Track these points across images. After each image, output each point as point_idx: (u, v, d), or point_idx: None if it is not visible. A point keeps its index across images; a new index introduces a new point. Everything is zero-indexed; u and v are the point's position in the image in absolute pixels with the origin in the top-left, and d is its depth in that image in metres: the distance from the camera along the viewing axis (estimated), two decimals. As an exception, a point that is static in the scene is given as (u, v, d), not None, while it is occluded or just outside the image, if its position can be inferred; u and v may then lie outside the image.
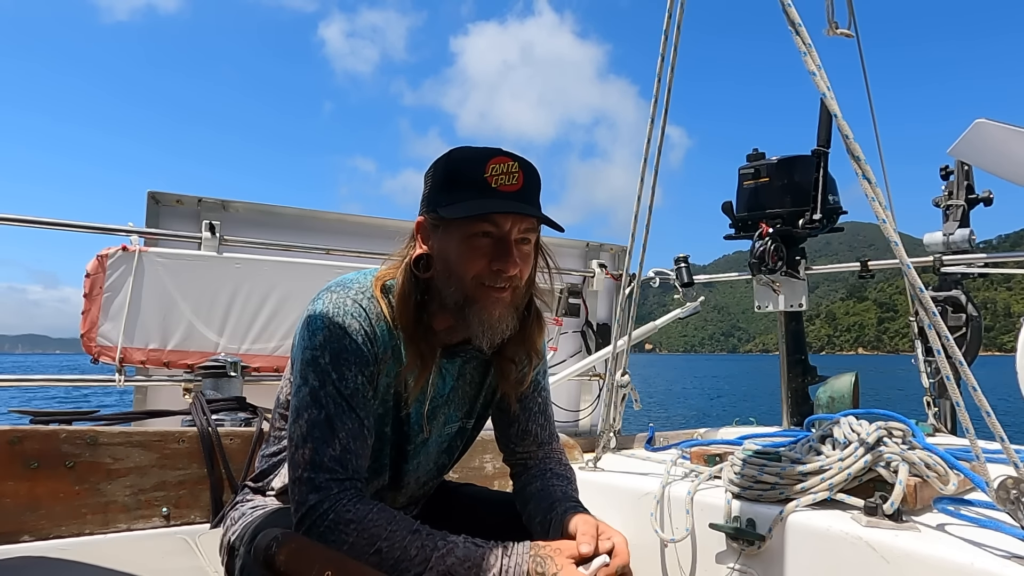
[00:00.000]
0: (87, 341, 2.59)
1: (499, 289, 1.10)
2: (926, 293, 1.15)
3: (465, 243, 1.08)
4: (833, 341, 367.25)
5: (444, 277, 1.12)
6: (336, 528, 0.99)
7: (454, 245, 1.09)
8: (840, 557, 1.26)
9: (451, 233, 1.10)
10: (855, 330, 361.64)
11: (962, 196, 2.61)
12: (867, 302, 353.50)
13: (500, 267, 1.08)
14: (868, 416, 1.54)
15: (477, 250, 1.08)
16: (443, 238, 1.11)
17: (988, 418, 1.14)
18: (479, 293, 1.09)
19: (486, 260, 1.08)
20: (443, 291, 1.12)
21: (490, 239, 1.08)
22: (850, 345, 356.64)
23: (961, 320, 2.51)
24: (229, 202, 2.94)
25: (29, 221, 2.49)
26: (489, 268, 1.08)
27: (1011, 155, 1.96)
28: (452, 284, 1.10)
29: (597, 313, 3.79)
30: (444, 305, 1.13)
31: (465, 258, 1.09)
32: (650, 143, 1.94)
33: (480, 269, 1.09)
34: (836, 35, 1.40)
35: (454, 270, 1.10)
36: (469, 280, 1.09)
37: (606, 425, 2.11)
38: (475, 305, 1.10)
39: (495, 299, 1.10)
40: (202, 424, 1.73)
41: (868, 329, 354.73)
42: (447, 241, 1.10)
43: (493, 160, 1.07)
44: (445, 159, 1.12)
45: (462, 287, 1.10)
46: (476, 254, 1.08)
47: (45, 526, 1.50)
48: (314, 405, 1.04)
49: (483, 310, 1.10)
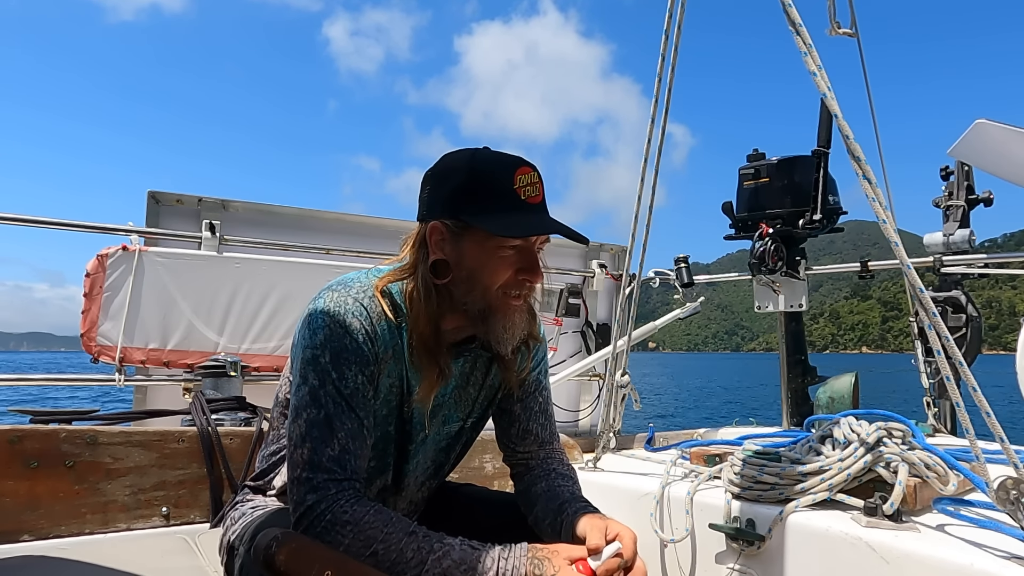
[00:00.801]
0: (87, 341, 2.59)
1: (519, 296, 1.13)
2: (926, 293, 1.15)
3: (492, 254, 1.08)
4: (837, 340, 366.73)
5: (465, 285, 1.11)
6: (332, 529, 0.99)
7: (478, 254, 1.09)
8: (840, 557, 1.26)
9: (476, 242, 1.08)
10: (859, 329, 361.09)
11: (962, 197, 2.61)
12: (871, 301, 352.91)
13: (527, 278, 1.11)
14: (868, 416, 1.54)
15: (504, 260, 1.09)
16: (467, 246, 1.09)
17: (988, 419, 1.14)
18: (502, 302, 1.11)
19: (512, 271, 1.10)
20: (462, 298, 1.11)
21: (515, 250, 1.09)
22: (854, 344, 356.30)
23: (961, 320, 2.51)
24: (229, 202, 2.94)
25: (29, 220, 2.49)
26: (515, 278, 1.10)
27: (1011, 156, 1.96)
28: (475, 292, 1.10)
29: (597, 313, 3.79)
30: (455, 308, 1.13)
31: (491, 269, 1.09)
32: (650, 143, 1.94)
33: (507, 280, 1.10)
34: (838, 35, 1.40)
35: (479, 279, 1.10)
36: (494, 290, 1.10)
37: (606, 425, 2.12)
38: (498, 314, 1.12)
39: (516, 307, 1.13)
40: (202, 424, 1.73)
41: (872, 328, 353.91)
42: (471, 249, 1.09)
43: (520, 171, 1.08)
44: (468, 165, 1.09)
45: (486, 297, 1.10)
46: (504, 264, 1.09)
47: (45, 525, 1.50)
48: (313, 404, 1.04)
49: (506, 318, 1.12)
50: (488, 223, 1.06)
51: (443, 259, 1.11)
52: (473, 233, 1.08)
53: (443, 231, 1.10)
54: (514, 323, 1.14)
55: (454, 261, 1.11)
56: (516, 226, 1.06)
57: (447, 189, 1.10)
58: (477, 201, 1.07)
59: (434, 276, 1.11)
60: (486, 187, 1.07)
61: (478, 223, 1.06)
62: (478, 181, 1.08)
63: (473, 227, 1.07)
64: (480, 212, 1.06)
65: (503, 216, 1.06)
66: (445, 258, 1.11)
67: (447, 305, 1.13)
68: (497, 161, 1.09)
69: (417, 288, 1.11)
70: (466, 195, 1.07)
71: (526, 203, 1.08)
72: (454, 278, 1.11)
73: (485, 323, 1.12)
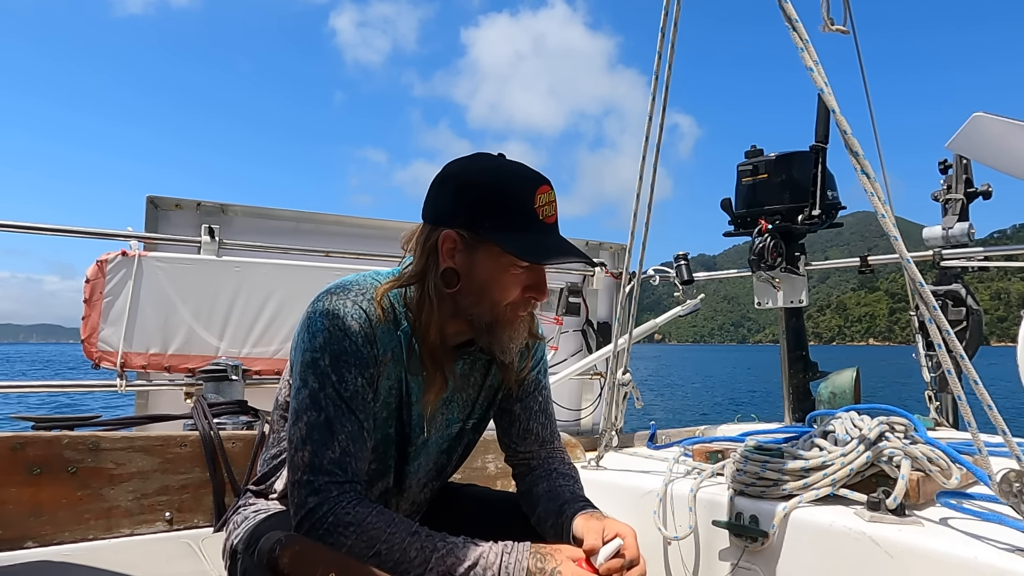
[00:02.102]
0: (88, 346, 2.59)
1: (524, 311, 1.15)
2: (926, 287, 1.15)
3: (505, 270, 1.09)
4: (844, 332, 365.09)
5: (473, 296, 1.11)
6: (335, 531, 0.99)
7: (491, 268, 1.09)
8: (843, 552, 1.26)
9: (491, 257, 1.08)
10: (866, 321, 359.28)
11: (961, 190, 2.61)
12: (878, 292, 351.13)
13: (535, 295, 1.13)
14: (870, 411, 1.54)
15: (515, 278, 1.10)
16: (480, 259, 1.09)
17: (990, 412, 1.14)
18: (508, 316, 1.13)
19: (521, 288, 1.11)
20: (469, 308, 1.12)
21: (526, 269, 1.11)
22: (861, 336, 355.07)
23: (961, 314, 2.51)
24: (228, 206, 2.94)
25: (26, 228, 2.49)
26: (523, 295, 1.12)
27: (1009, 148, 1.96)
28: (482, 305, 1.11)
29: (597, 312, 3.79)
30: (458, 315, 1.13)
31: (503, 285, 1.10)
32: (648, 140, 1.94)
33: (516, 296, 1.11)
34: (832, 31, 1.40)
35: (488, 293, 1.10)
36: (503, 306, 1.11)
37: (608, 424, 2.11)
38: (504, 327, 1.13)
39: (521, 319, 1.15)
40: (204, 428, 1.73)
41: (879, 320, 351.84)
42: (484, 263, 1.09)
43: (540, 190, 1.08)
44: (491, 179, 1.08)
45: (494, 311, 1.12)
46: (514, 282, 1.10)
47: (48, 532, 1.50)
48: (313, 407, 1.04)
49: (511, 330, 1.14)
50: (508, 243, 1.06)
51: (453, 268, 1.11)
52: (489, 248, 1.08)
53: (458, 241, 1.09)
54: (518, 333, 1.16)
55: (464, 272, 1.10)
56: (536, 250, 1.07)
57: (467, 200, 1.08)
58: (497, 217, 1.07)
59: (444, 285, 1.11)
60: (507, 204, 1.07)
61: (498, 241, 1.06)
62: (500, 197, 1.07)
63: (488, 241, 1.07)
64: (499, 229, 1.06)
65: (522, 236, 1.07)
66: (455, 268, 1.10)
67: (451, 312, 1.13)
68: (519, 177, 1.09)
69: (428, 296, 1.10)
70: (487, 209, 1.07)
71: (543, 223, 1.09)
72: (462, 288, 1.11)
73: (491, 334, 1.14)
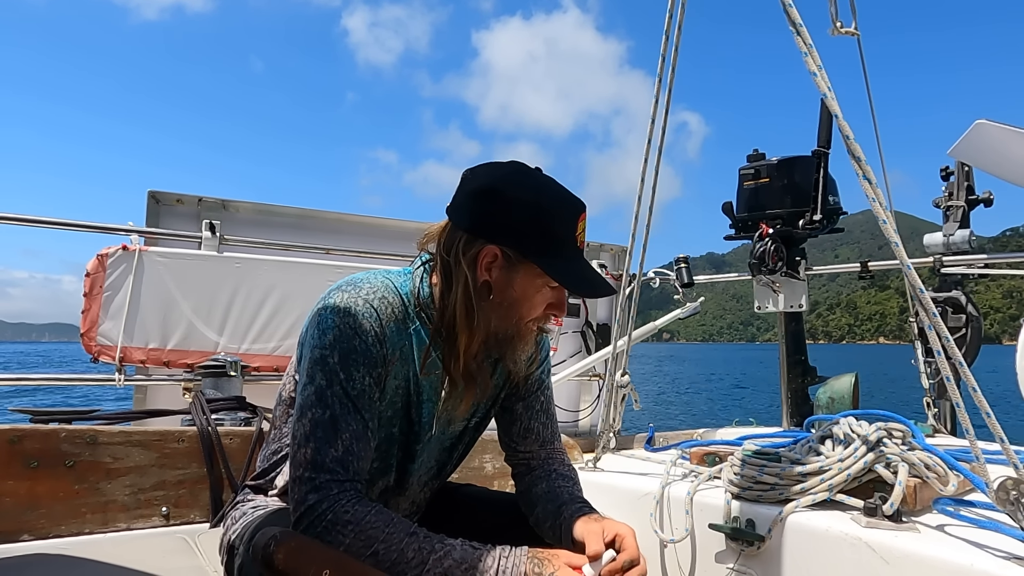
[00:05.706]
0: (87, 340, 2.59)
1: (543, 324, 1.19)
2: (926, 294, 1.16)
3: (535, 288, 1.12)
4: (854, 331, 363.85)
5: (500, 309, 1.13)
6: (333, 529, 0.99)
7: (526, 287, 1.11)
8: (839, 558, 1.26)
9: (529, 276, 1.11)
10: (876, 319, 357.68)
11: (962, 197, 2.61)
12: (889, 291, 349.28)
13: (556, 314, 1.17)
14: (868, 417, 1.54)
15: (543, 296, 1.14)
16: (519, 277, 1.11)
17: (988, 419, 1.14)
18: (527, 330, 1.16)
19: (544, 306, 1.15)
20: (496, 322, 1.13)
21: (554, 289, 1.14)
22: (871, 335, 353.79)
23: (961, 321, 2.52)
24: (229, 202, 2.95)
25: (30, 220, 2.49)
26: (544, 313, 1.16)
27: (1011, 156, 1.96)
28: (507, 318, 1.13)
29: (597, 313, 3.79)
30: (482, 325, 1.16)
31: (533, 303, 1.13)
32: (650, 143, 1.94)
33: (539, 314, 1.16)
34: (841, 34, 1.40)
35: (515, 308, 1.13)
36: (526, 321, 1.15)
37: (606, 425, 2.11)
38: (520, 339, 1.17)
39: (535, 332, 1.20)
40: (202, 423, 1.73)
41: (890, 318, 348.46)
42: (521, 281, 1.11)
43: (581, 217, 1.12)
44: (538, 200, 1.08)
45: (517, 325, 1.15)
46: (542, 300, 1.14)
47: (45, 525, 1.50)
48: (319, 404, 1.04)
49: (525, 342, 1.19)
50: (552, 269, 1.09)
51: (488, 282, 1.12)
52: (528, 267, 1.10)
53: (499, 257, 1.10)
54: (530, 346, 1.22)
55: (499, 287, 1.12)
56: (580, 281, 1.12)
57: (513, 218, 1.08)
58: (542, 241, 1.09)
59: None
60: (554, 230, 1.09)
61: (543, 266, 1.09)
62: (548, 220, 1.09)
63: (529, 262, 1.09)
64: (543, 253, 1.09)
65: (561, 262, 1.10)
66: (490, 281, 1.11)
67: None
68: (566, 203, 1.11)
69: (469, 309, 1.10)
70: (533, 232, 1.08)
71: (578, 249, 1.13)
72: (493, 302, 1.12)
73: (508, 344, 1.17)
